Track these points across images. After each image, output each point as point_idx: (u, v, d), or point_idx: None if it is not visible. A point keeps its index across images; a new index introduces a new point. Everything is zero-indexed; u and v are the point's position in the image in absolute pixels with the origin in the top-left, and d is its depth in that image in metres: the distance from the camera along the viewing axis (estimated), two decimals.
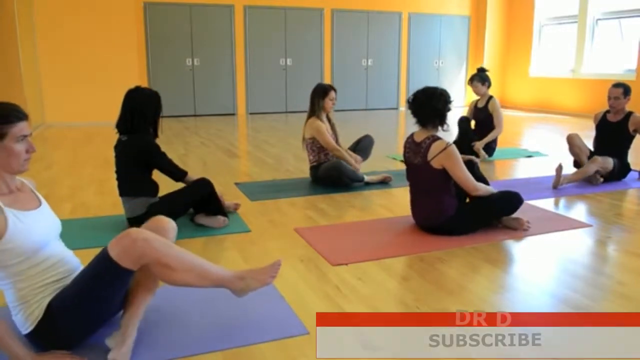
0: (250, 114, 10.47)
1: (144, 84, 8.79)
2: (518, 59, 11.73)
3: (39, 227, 1.80)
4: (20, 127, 1.72)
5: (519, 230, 3.15)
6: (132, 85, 3.26)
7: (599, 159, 4.33)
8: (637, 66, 9.06)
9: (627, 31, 9.63)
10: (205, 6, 9.87)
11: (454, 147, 2.99)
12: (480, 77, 5.50)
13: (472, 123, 5.66)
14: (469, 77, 5.64)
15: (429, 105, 3.01)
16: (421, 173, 3.08)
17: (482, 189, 3.06)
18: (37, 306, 1.77)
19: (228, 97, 10.34)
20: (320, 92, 4.41)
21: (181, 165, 3.35)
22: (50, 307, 1.77)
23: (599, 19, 9.96)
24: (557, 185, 4.23)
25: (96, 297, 1.79)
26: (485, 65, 6.20)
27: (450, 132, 3.18)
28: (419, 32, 11.59)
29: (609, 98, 4.44)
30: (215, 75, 10.16)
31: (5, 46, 6.89)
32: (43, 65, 8.43)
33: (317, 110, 4.38)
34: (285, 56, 10.60)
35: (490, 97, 5.54)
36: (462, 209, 3.10)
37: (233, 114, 10.37)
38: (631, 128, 4.40)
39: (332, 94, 4.41)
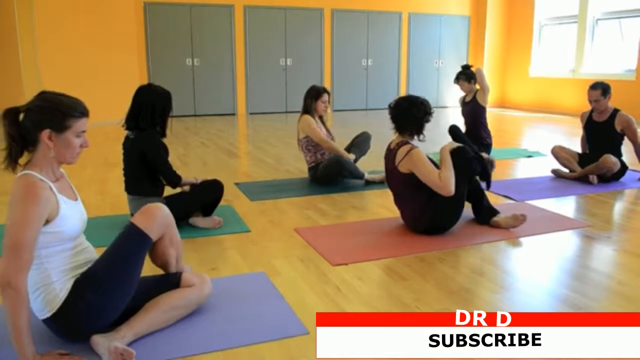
0: (250, 114, 10.47)
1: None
2: (518, 59, 11.73)
3: (78, 218, 1.90)
4: (82, 123, 1.83)
5: (517, 225, 3.13)
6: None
7: (611, 159, 4.27)
8: (637, 66, 9.05)
9: (627, 31, 9.63)
10: (205, 6, 9.87)
11: (417, 150, 2.98)
12: (466, 75, 5.50)
13: (463, 126, 5.64)
14: (468, 76, 5.61)
15: (409, 112, 3.03)
16: (393, 178, 3.11)
17: (452, 181, 2.93)
18: (62, 287, 1.82)
19: (228, 97, 10.34)
20: (313, 94, 4.42)
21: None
22: (77, 284, 1.83)
23: (599, 19, 9.96)
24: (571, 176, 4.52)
25: (122, 267, 1.90)
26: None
27: (425, 142, 3.17)
28: (419, 32, 11.59)
29: (590, 101, 4.45)
30: (215, 75, 10.15)
31: (5, 46, 6.89)
32: (43, 65, 8.41)
33: (310, 112, 4.41)
34: (285, 56, 10.60)
35: (477, 91, 5.53)
36: (436, 203, 3.02)
37: (233, 114, 10.37)
38: (618, 128, 4.39)
39: (325, 96, 4.42)
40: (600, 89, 4.37)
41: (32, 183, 1.72)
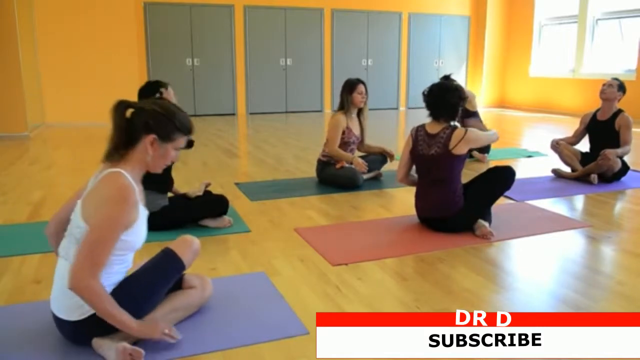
0: (250, 114, 10.47)
1: None
2: (518, 59, 11.73)
3: (144, 230, 1.90)
4: (184, 140, 1.88)
5: (478, 236, 3.07)
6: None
7: (612, 155, 4.26)
8: (637, 66, 9.06)
9: (627, 31, 9.63)
10: (205, 6, 9.87)
11: (471, 129, 3.13)
12: None
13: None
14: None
15: (444, 99, 3.08)
16: (438, 163, 3.09)
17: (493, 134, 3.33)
18: None
19: (228, 97, 10.34)
20: (348, 87, 4.34)
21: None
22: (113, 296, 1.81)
23: (599, 19, 9.96)
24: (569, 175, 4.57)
25: (156, 289, 1.92)
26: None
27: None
28: (419, 32, 11.59)
29: (603, 86, 4.47)
30: (215, 75, 10.15)
31: (5, 46, 6.89)
32: (43, 65, 8.42)
33: (347, 105, 4.33)
34: (285, 56, 10.60)
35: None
36: (467, 202, 3.09)
37: (233, 114, 10.36)
38: (617, 126, 4.40)
39: (361, 87, 4.33)
40: (618, 81, 4.47)
41: (127, 186, 1.73)
